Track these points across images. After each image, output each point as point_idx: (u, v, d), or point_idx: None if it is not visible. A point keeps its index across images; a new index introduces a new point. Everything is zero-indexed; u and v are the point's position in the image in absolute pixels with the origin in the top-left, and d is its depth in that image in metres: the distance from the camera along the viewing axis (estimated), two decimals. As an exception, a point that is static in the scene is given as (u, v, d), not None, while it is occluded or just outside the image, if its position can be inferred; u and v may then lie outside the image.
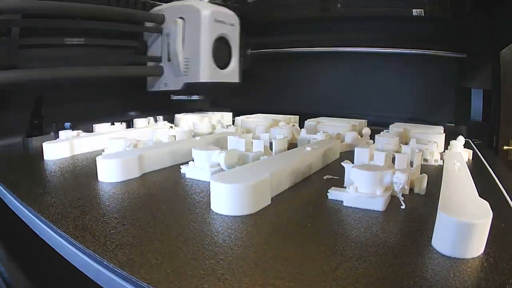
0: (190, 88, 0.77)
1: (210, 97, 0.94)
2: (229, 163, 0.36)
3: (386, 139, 0.49)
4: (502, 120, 0.86)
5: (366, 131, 0.59)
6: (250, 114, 0.83)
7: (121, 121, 0.71)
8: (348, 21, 0.93)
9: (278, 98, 1.06)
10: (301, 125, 0.79)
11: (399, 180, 0.29)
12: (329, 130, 0.59)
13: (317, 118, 0.74)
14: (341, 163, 0.36)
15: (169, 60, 0.76)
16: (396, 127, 0.62)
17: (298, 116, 0.82)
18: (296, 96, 1.06)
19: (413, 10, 0.82)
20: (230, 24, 0.79)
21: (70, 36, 0.75)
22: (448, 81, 0.89)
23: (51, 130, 0.67)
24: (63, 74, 0.65)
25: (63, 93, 0.74)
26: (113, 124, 0.69)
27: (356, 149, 0.39)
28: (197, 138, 0.50)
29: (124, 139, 0.47)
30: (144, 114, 0.82)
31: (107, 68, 0.73)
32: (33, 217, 0.31)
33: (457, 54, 0.86)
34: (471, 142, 0.73)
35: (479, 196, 0.28)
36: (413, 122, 0.70)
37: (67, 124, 0.72)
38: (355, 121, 0.70)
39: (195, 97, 0.81)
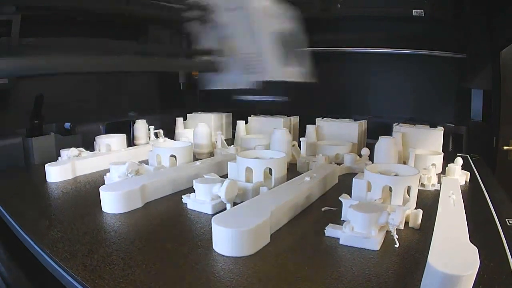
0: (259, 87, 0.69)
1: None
2: (230, 197, 0.38)
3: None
4: (502, 120, 0.88)
5: (365, 151, 0.61)
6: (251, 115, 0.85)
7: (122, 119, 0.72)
8: (348, 21, 0.95)
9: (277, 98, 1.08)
10: (302, 126, 0.82)
11: (394, 222, 0.32)
12: (328, 152, 0.61)
13: (318, 119, 0.75)
14: (339, 198, 0.38)
15: (226, 55, 0.70)
16: (398, 131, 0.65)
17: (298, 117, 0.84)
18: (295, 96, 1.07)
19: (413, 10, 0.84)
20: (291, 18, 0.72)
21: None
22: (448, 81, 0.91)
23: (51, 130, 0.69)
24: (104, 63, 0.59)
25: (63, 93, 0.76)
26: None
27: (354, 180, 0.42)
28: (198, 163, 0.52)
29: (125, 164, 0.49)
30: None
31: (160, 60, 0.69)
32: (41, 252, 0.33)
33: (457, 55, 0.88)
34: (469, 158, 0.75)
35: (472, 225, 0.30)
36: (413, 122, 0.72)
37: (67, 124, 0.74)
38: (355, 124, 0.72)
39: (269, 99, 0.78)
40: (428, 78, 0.93)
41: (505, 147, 0.98)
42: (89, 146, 0.69)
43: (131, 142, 0.81)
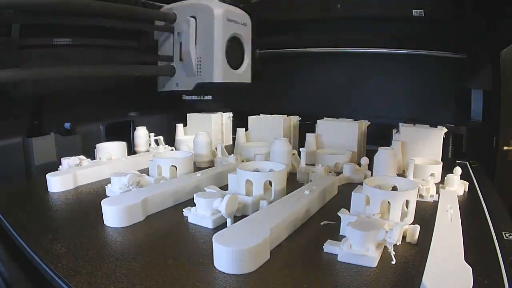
0: (202, 88, 0.78)
1: (222, 98, 0.95)
2: (230, 211, 0.40)
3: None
4: (502, 120, 0.90)
5: (365, 161, 0.63)
6: (252, 115, 0.86)
7: (123, 119, 0.74)
8: (348, 21, 0.96)
9: (278, 98, 1.10)
10: (302, 126, 0.84)
11: (391, 240, 0.33)
12: (328, 161, 0.63)
13: (319, 120, 0.77)
14: (338, 213, 0.39)
15: (181, 59, 0.78)
16: (397, 139, 0.67)
17: (298, 116, 0.85)
18: (296, 96, 1.09)
19: (413, 10, 0.85)
20: (242, 23, 0.80)
21: (76, 35, 0.75)
22: (448, 81, 0.92)
23: (51, 130, 0.70)
24: (72, 73, 0.66)
25: (63, 93, 0.76)
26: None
27: (353, 194, 0.43)
28: (198, 174, 0.53)
29: (127, 175, 0.51)
30: (148, 114, 0.84)
31: (118, 66, 0.74)
32: (46, 268, 0.34)
33: (457, 55, 0.89)
34: (469, 165, 0.77)
35: (469, 240, 0.31)
36: (413, 123, 0.73)
37: (67, 124, 0.74)
38: (355, 124, 0.73)
39: (208, 98, 0.82)
40: (428, 78, 0.95)
41: (505, 147, 0.99)
42: (89, 146, 0.70)
43: (131, 144, 0.82)
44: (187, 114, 0.90)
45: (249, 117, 0.86)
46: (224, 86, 0.79)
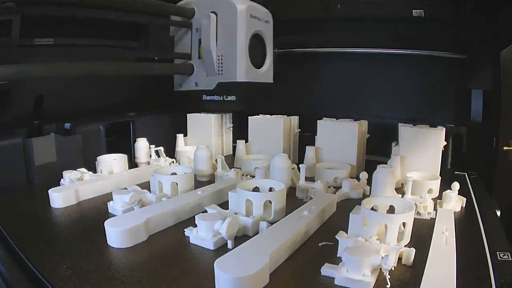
0: (224, 88, 0.76)
1: (244, 99, 0.94)
2: (231, 234, 0.41)
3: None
4: (502, 120, 0.91)
5: (364, 176, 0.64)
6: (252, 115, 0.88)
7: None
8: (348, 22, 0.98)
9: (278, 98, 1.11)
10: (301, 126, 0.86)
11: (386, 266, 0.35)
12: (327, 176, 0.65)
13: (319, 121, 0.79)
14: (336, 236, 0.41)
15: (200, 57, 0.75)
16: (397, 153, 0.69)
17: (298, 117, 0.87)
18: (296, 96, 1.10)
19: (413, 10, 0.87)
20: (265, 21, 0.78)
21: (83, 33, 0.76)
22: (448, 81, 0.94)
23: (51, 130, 0.72)
24: (83, 71, 0.65)
25: (63, 93, 0.78)
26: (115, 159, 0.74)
27: (350, 216, 0.45)
28: (199, 192, 0.55)
29: (128, 193, 0.52)
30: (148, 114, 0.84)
31: (132, 64, 0.72)
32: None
33: (457, 55, 0.90)
34: (467, 177, 0.78)
35: (463, 260, 0.35)
36: (413, 123, 0.74)
37: (67, 125, 0.76)
38: (355, 124, 0.75)
39: (230, 98, 0.79)
40: (428, 78, 0.96)
41: (505, 147, 1.01)
42: (89, 146, 0.72)
43: (131, 144, 0.84)
44: (187, 115, 0.91)
45: (249, 117, 0.88)
46: (249, 86, 0.76)
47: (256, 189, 0.55)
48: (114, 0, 0.65)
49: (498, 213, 0.74)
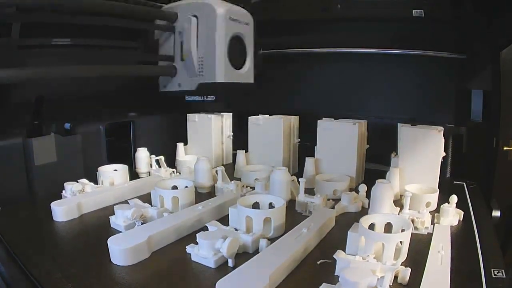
0: (205, 88, 0.78)
1: (224, 99, 0.98)
2: (231, 253, 0.43)
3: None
4: (502, 121, 0.91)
5: (363, 188, 0.66)
6: (252, 115, 0.89)
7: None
8: (347, 22, 0.98)
9: (278, 98, 1.12)
10: (301, 126, 0.88)
11: (382, 287, 0.36)
12: (326, 189, 0.66)
13: (319, 121, 0.80)
14: (334, 256, 0.43)
15: (182, 59, 0.78)
16: (395, 165, 0.71)
17: (298, 117, 0.89)
18: (296, 96, 1.11)
19: (413, 10, 0.87)
20: (245, 23, 0.80)
21: (74, 35, 0.77)
22: (448, 81, 0.94)
23: (51, 131, 0.73)
24: (72, 73, 0.66)
25: (64, 93, 0.78)
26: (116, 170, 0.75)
27: (348, 234, 0.47)
28: (200, 207, 0.57)
29: (130, 208, 0.54)
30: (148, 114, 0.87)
31: (117, 67, 0.74)
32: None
33: (457, 55, 0.91)
34: (465, 187, 0.80)
35: (458, 278, 0.36)
36: (413, 123, 0.75)
37: (67, 125, 0.77)
38: (355, 122, 0.77)
39: (210, 98, 0.82)
40: (428, 78, 0.97)
41: (505, 148, 1.01)
42: (89, 147, 0.74)
43: (131, 146, 0.86)
44: (188, 115, 0.93)
45: (249, 117, 0.89)
46: (228, 86, 0.78)
47: (256, 205, 0.56)
48: (101, 7, 0.65)
49: (498, 213, 0.76)
